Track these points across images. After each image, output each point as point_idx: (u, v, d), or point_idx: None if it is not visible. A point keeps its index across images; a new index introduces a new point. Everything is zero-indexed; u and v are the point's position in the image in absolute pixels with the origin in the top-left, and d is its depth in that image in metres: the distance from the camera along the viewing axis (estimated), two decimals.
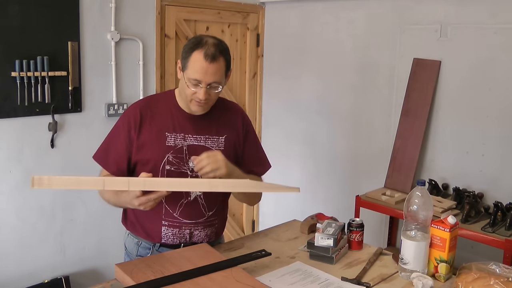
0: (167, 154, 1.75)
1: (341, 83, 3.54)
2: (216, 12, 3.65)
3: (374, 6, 3.31)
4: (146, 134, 1.76)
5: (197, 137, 1.79)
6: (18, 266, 2.87)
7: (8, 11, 2.63)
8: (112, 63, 3.08)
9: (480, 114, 2.87)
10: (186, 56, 1.68)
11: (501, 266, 1.53)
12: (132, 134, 1.75)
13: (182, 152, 1.76)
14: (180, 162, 1.76)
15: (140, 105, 1.82)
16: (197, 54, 1.65)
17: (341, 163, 3.61)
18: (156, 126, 1.77)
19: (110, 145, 1.82)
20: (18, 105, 2.72)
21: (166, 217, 1.79)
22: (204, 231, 1.84)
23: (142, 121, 1.76)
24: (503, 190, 2.79)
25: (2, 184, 2.77)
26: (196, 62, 1.65)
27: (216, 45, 1.68)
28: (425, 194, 1.64)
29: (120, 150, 1.77)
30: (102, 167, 1.81)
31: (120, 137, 1.78)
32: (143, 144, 1.76)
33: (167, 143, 1.76)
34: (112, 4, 3.01)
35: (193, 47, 1.67)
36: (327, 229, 1.79)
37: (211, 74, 1.66)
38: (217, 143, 1.82)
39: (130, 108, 1.84)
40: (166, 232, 1.80)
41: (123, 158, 1.77)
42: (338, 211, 3.52)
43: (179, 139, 1.77)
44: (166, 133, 1.76)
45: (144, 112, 1.78)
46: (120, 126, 1.80)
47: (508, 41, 2.73)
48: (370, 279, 1.66)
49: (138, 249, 1.87)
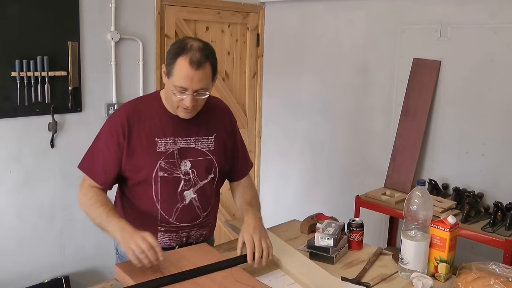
0: (159, 160, 1.71)
1: (341, 83, 3.54)
2: (216, 12, 3.65)
3: (374, 6, 3.31)
4: (135, 141, 1.70)
5: (186, 139, 1.75)
6: (18, 266, 2.87)
7: (8, 11, 2.63)
8: (112, 63, 3.08)
9: (480, 114, 2.87)
10: (171, 63, 1.61)
11: (501, 266, 1.53)
12: (121, 142, 1.69)
13: (174, 156, 1.73)
14: (173, 167, 1.73)
15: (127, 111, 1.74)
16: (182, 61, 1.59)
17: (341, 163, 3.61)
18: (145, 132, 1.71)
19: (97, 154, 1.74)
20: (18, 105, 2.71)
21: (162, 223, 1.76)
22: (200, 231, 1.83)
23: (130, 128, 1.70)
24: (503, 190, 2.79)
25: (2, 184, 2.77)
26: (181, 69, 1.59)
27: (201, 49, 1.61)
28: (425, 194, 1.64)
29: (109, 159, 1.71)
30: (89, 177, 1.74)
31: (108, 145, 1.71)
32: (133, 152, 1.70)
33: (158, 149, 1.71)
34: (112, 4, 3.01)
35: (177, 53, 1.60)
36: (327, 229, 1.80)
37: (197, 81, 1.60)
38: (207, 144, 1.79)
39: (115, 115, 1.76)
40: (162, 237, 1.77)
41: (113, 167, 1.71)
42: (338, 211, 3.52)
43: (170, 144, 1.73)
44: (156, 139, 1.71)
45: (131, 118, 1.71)
46: (107, 134, 1.73)
47: (508, 41, 2.73)
48: (370, 279, 1.66)
49: None
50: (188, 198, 1.77)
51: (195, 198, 1.78)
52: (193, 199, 1.78)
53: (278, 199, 4.04)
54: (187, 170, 1.75)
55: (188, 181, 1.75)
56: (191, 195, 1.77)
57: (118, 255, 1.89)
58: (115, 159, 1.71)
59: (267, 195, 4.11)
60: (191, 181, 1.76)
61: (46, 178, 2.91)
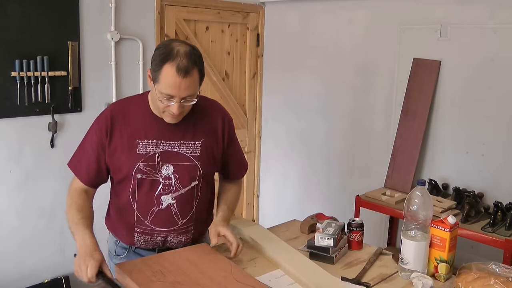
0: (138, 162, 1.68)
1: (341, 82, 3.54)
2: (216, 12, 3.65)
3: (374, 6, 3.31)
4: (117, 140, 1.69)
5: (170, 143, 1.71)
6: (18, 266, 2.87)
7: (8, 11, 2.63)
8: (112, 63, 3.08)
9: (480, 114, 2.87)
10: (157, 69, 1.56)
11: (501, 266, 1.53)
12: (103, 141, 1.69)
13: (154, 159, 1.70)
14: (152, 170, 1.70)
15: (112, 109, 1.74)
16: (169, 68, 1.53)
17: (341, 162, 3.61)
18: (127, 132, 1.69)
19: (82, 152, 1.76)
20: (18, 105, 2.72)
21: (138, 224, 1.75)
22: (178, 238, 1.79)
23: (113, 127, 1.69)
24: (503, 190, 2.79)
25: (2, 184, 2.77)
26: (168, 77, 1.53)
27: (188, 55, 1.54)
28: (425, 194, 1.64)
29: (92, 157, 1.71)
30: (75, 175, 1.76)
31: (92, 143, 1.72)
32: (114, 151, 1.70)
33: (138, 151, 1.68)
34: (112, 4, 3.01)
35: (163, 59, 1.54)
36: (327, 229, 1.79)
37: (184, 89, 1.55)
38: (193, 149, 1.74)
39: (101, 114, 1.76)
40: (138, 238, 1.77)
41: (94, 165, 1.72)
42: (338, 211, 3.52)
43: (151, 146, 1.69)
44: (137, 140, 1.69)
45: (115, 116, 1.71)
46: (93, 132, 1.73)
47: (508, 41, 2.73)
48: (370, 279, 1.66)
49: (116, 248, 1.85)
50: (165, 203, 1.73)
51: (173, 204, 1.74)
52: (171, 204, 1.74)
53: (278, 199, 4.04)
54: (169, 174, 1.71)
55: (168, 185, 1.72)
56: (169, 201, 1.73)
57: (108, 248, 1.90)
58: (96, 157, 1.71)
59: (267, 195, 4.11)
60: (172, 186, 1.72)
61: (46, 178, 2.92)
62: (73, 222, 1.67)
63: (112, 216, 1.86)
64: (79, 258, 1.54)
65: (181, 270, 1.54)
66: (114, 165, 1.72)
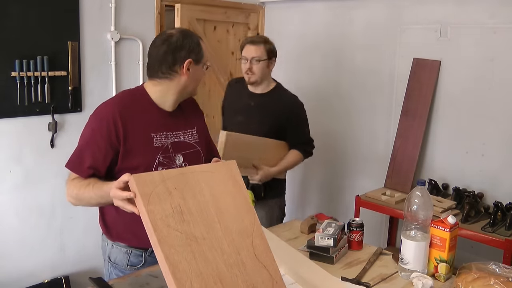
0: (157, 155, 1.68)
1: (340, 82, 3.54)
2: (223, 12, 3.66)
3: (374, 6, 3.31)
4: (132, 139, 1.64)
5: (176, 133, 1.75)
6: (18, 265, 2.87)
7: (8, 11, 2.63)
8: (112, 63, 3.08)
9: (480, 114, 2.87)
10: (198, 49, 1.71)
11: (501, 266, 1.53)
12: (114, 142, 1.62)
13: (169, 151, 1.71)
14: (170, 161, 1.70)
15: (119, 106, 1.67)
16: (202, 44, 1.73)
17: (341, 162, 3.61)
18: (139, 128, 1.66)
19: (85, 150, 1.65)
20: (18, 105, 2.72)
21: None
22: None
23: (125, 126, 1.63)
24: (503, 190, 2.79)
25: (2, 184, 2.77)
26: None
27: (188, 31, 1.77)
28: (425, 194, 1.64)
29: (99, 155, 1.63)
30: (76, 175, 1.67)
31: (98, 142, 1.63)
32: (130, 150, 1.64)
33: (155, 144, 1.68)
34: (112, 4, 3.01)
35: (199, 41, 1.72)
36: (327, 229, 1.79)
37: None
38: (193, 136, 1.80)
39: (106, 111, 1.66)
40: None
41: (102, 168, 1.64)
42: (338, 211, 3.53)
43: (163, 138, 1.71)
44: (152, 134, 1.68)
45: (124, 114, 1.64)
46: (97, 130, 1.64)
47: (508, 41, 2.73)
48: (370, 279, 1.66)
49: (129, 259, 1.77)
50: None
51: None
52: None
53: None
54: (181, 163, 1.74)
55: None
56: None
57: (111, 264, 1.83)
58: (104, 157, 1.63)
59: None
60: None
61: (46, 178, 2.91)
62: (92, 189, 1.57)
63: (118, 223, 1.76)
64: (115, 196, 1.38)
65: (200, 206, 1.33)
66: (130, 165, 1.63)
